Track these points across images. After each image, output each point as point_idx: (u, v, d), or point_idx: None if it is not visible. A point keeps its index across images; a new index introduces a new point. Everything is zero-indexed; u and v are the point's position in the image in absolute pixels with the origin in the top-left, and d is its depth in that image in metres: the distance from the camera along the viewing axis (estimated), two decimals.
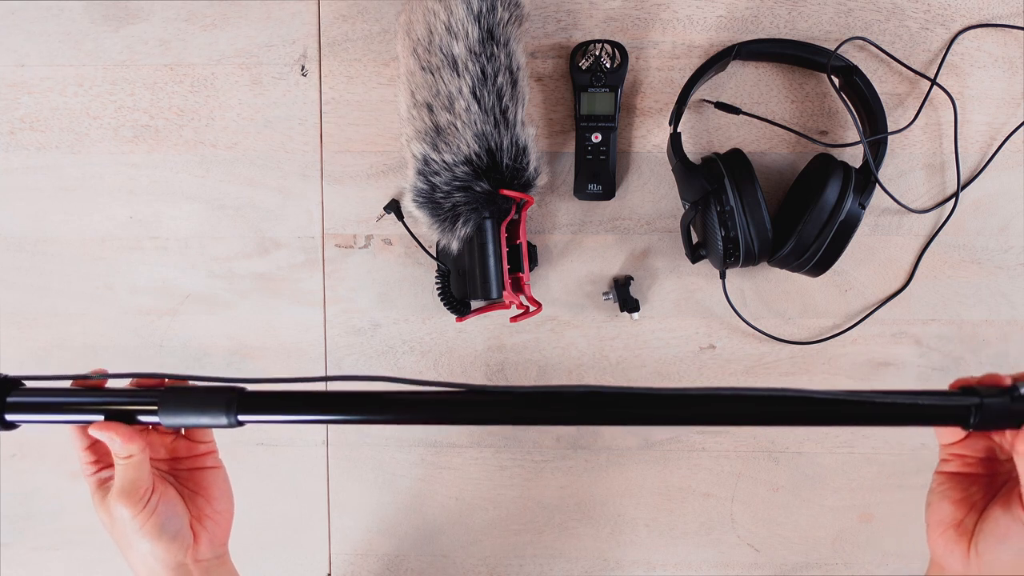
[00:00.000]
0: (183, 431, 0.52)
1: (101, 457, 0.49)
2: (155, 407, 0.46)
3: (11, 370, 0.75)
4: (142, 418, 0.47)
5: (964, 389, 0.45)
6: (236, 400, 0.45)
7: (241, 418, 0.45)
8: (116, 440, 0.46)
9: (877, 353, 0.72)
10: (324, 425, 0.75)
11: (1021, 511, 0.43)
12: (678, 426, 0.74)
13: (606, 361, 0.73)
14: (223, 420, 0.45)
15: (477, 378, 0.74)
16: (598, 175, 0.69)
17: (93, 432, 0.46)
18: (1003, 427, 0.44)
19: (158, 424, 0.46)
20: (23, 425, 0.48)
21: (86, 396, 0.47)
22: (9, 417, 0.47)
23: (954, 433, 0.47)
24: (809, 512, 0.74)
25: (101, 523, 0.49)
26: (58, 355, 0.75)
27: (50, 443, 0.77)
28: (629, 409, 0.45)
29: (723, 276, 0.70)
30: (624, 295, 0.71)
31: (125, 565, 0.50)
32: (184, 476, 0.52)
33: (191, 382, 0.47)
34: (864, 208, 0.63)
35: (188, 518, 0.50)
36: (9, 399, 0.47)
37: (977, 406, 0.44)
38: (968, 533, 0.45)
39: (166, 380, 0.48)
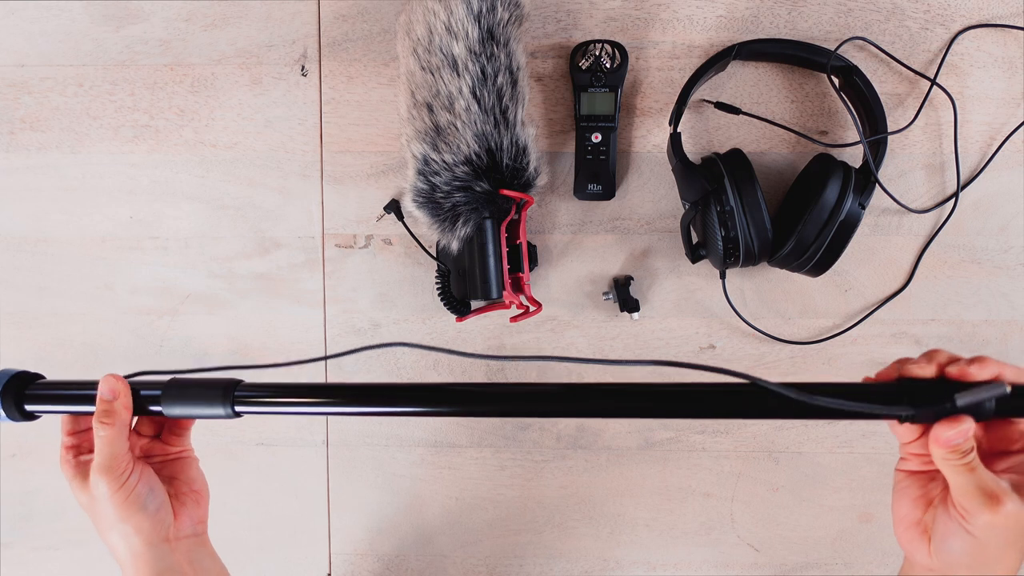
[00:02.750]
0: (160, 435, 0.55)
1: (82, 443, 0.51)
2: (158, 396, 0.48)
3: None
4: (149, 407, 0.49)
5: (902, 383, 0.43)
6: (233, 392, 0.47)
7: (239, 409, 0.47)
8: (122, 393, 0.48)
9: (877, 353, 0.72)
10: (324, 425, 0.75)
11: (955, 510, 0.43)
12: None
13: None
14: (220, 411, 0.47)
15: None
16: (598, 175, 0.69)
17: (105, 382, 0.48)
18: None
19: (160, 413, 0.48)
20: (25, 424, 0.51)
21: (94, 389, 0.50)
22: (29, 408, 0.50)
23: (910, 432, 0.45)
24: (809, 512, 0.74)
25: (81, 506, 0.50)
26: (58, 355, 0.75)
27: (50, 443, 0.77)
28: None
29: (723, 276, 0.70)
30: (624, 295, 0.71)
31: None
32: (158, 466, 0.54)
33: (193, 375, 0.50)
34: (864, 208, 0.63)
35: (167, 495, 0.51)
36: (28, 391, 0.50)
37: (910, 417, 0.43)
38: (928, 531, 0.45)
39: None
